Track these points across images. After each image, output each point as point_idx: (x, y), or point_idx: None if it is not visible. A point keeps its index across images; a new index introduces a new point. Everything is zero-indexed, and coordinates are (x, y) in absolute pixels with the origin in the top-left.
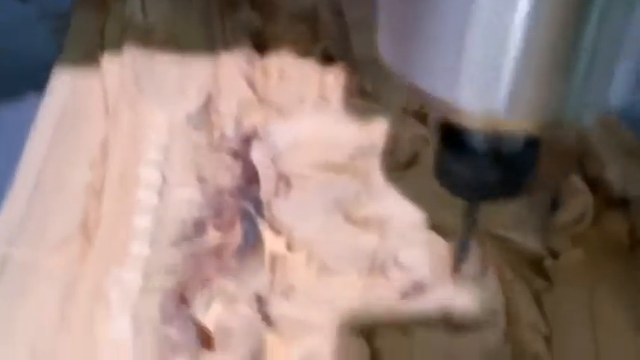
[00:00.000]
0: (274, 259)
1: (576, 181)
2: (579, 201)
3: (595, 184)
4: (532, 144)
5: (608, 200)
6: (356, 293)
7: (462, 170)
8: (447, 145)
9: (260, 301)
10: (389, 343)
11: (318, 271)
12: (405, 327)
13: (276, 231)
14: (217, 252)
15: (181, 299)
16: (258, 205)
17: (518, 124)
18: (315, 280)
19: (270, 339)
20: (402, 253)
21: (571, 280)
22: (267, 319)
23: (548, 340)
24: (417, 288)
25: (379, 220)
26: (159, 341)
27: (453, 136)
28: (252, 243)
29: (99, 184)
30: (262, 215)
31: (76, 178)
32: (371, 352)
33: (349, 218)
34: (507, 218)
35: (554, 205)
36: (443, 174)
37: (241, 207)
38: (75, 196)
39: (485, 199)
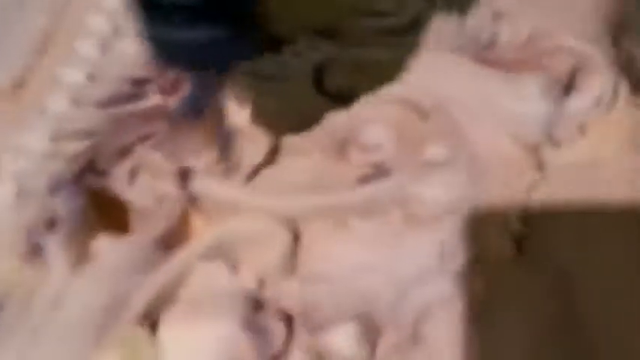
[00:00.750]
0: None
1: (597, 55)
2: (595, 83)
3: (627, 64)
4: None
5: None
6: (308, 176)
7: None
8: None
9: (186, 178)
10: (317, 233)
11: (274, 149)
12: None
13: (240, 102)
14: (148, 117)
15: (90, 167)
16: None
17: None
18: (268, 158)
19: (193, 219)
20: (366, 131)
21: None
22: (191, 198)
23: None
24: (378, 172)
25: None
26: (40, 212)
27: None
28: (195, 111)
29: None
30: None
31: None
32: (295, 240)
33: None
34: None
35: (569, 85)
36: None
37: None
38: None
39: (212, 64)
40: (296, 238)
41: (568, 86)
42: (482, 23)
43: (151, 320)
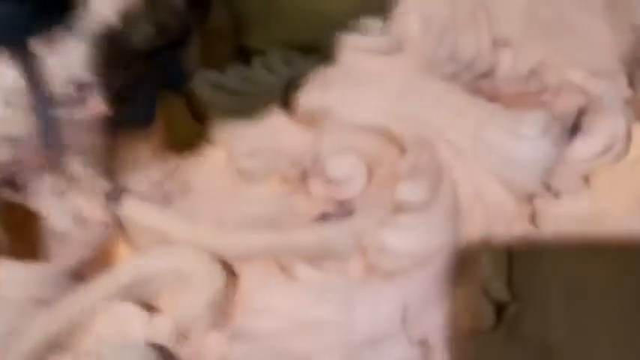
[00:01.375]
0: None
1: (609, 95)
2: (605, 126)
3: None
4: None
5: None
6: (260, 209)
7: None
8: None
9: (117, 200)
10: (257, 279)
11: (234, 174)
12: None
13: (197, 117)
14: (83, 127)
15: (9, 179)
16: (174, 76)
17: None
18: (228, 183)
19: (120, 249)
20: (333, 162)
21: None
22: (120, 224)
23: None
24: (340, 211)
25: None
26: None
27: None
28: (141, 122)
29: None
30: (180, 93)
31: None
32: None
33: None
34: None
35: (575, 126)
36: None
37: (145, 75)
38: None
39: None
40: (231, 283)
41: (573, 128)
42: (480, 50)
43: None
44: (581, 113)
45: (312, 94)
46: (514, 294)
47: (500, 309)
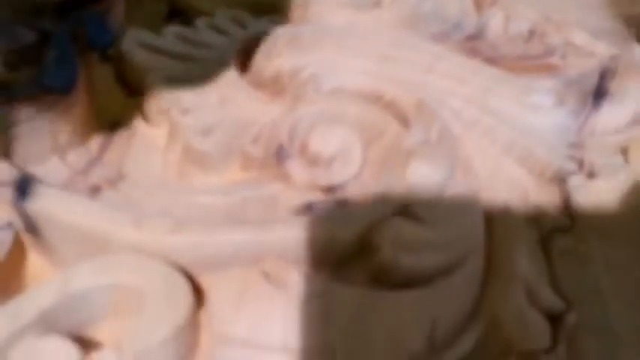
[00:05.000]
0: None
1: (628, 56)
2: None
3: None
4: None
5: None
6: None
7: None
8: None
9: (27, 192)
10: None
11: (181, 160)
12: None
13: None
14: None
15: None
16: (98, 35)
17: None
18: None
19: (32, 258)
20: (318, 135)
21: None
22: (31, 225)
23: None
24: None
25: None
26: None
27: None
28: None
29: None
30: (105, 57)
31: None
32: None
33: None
34: None
35: (599, 91)
36: None
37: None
38: None
39: None
40: (197, 299)
41: (598, 94)
42: (465, 7)
43: None
44: (604, 76)
45: (277, 58)
46: (568, 302)
47: (554, 323)
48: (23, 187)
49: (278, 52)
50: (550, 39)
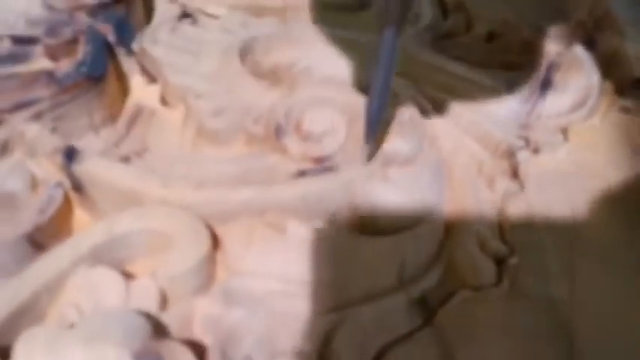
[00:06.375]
0: (138, 112)
1: (580, 52)
2: (580, 80)
3: (609, 61)
4: None
5: (622, 83)
6: (232, 169)
7: None
8: None
9: (72, 160)
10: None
11: (195, 136)
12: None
13: (150, 77)
14: (30, 82)
15: None
16: (123, 32)
17: None
18: (188, 146)
19: (78, 213)
20: (309, 117)
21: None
22: (77, 185)
23: None
24: (321, 168)
25: (291, 70)
26: None
27: None
28: (91, 77)
29: None
30: (130, 51)
31: None
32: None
33: (256, 66)
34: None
35: (545, 82)
36: None
37: (92, 29)
38: None
39: None
40: (213, 243)
41: (545, 84)
42: (436, 13)
43: (1, 346)
44: (550, 70)
45: (275, 52)
46: (511, 249)
47: (499, 264)
48: (70, 154)
49: (276, 47)
50: (510, 38)
